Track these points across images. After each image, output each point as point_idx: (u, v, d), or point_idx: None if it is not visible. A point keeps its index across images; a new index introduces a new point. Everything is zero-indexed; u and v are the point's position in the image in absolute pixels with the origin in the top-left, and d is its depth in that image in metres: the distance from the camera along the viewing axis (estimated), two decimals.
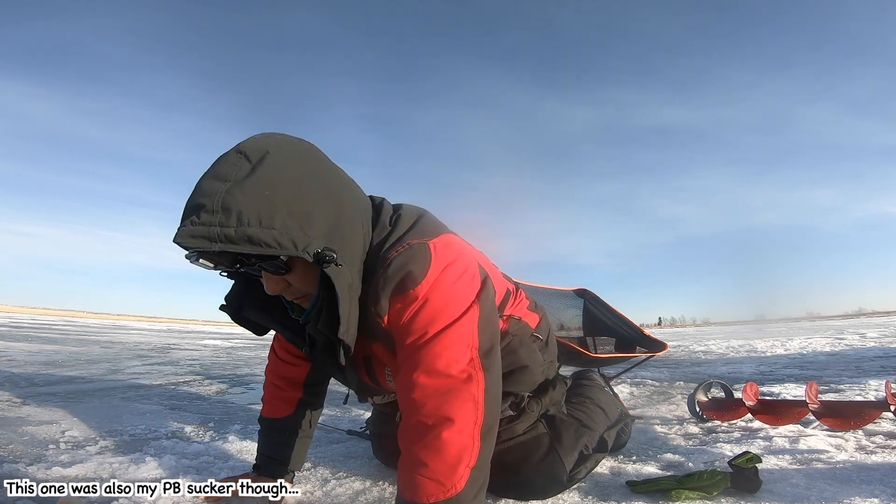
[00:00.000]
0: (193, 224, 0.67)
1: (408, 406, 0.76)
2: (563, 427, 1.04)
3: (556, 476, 0.98)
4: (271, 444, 1.06)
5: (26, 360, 3.51)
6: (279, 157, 0.72)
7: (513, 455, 0.98)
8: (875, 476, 1.03)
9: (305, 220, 0.70)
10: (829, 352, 4.64)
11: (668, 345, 2.22)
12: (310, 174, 0.74)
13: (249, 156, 0.71)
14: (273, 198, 0.68)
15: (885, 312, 52.74)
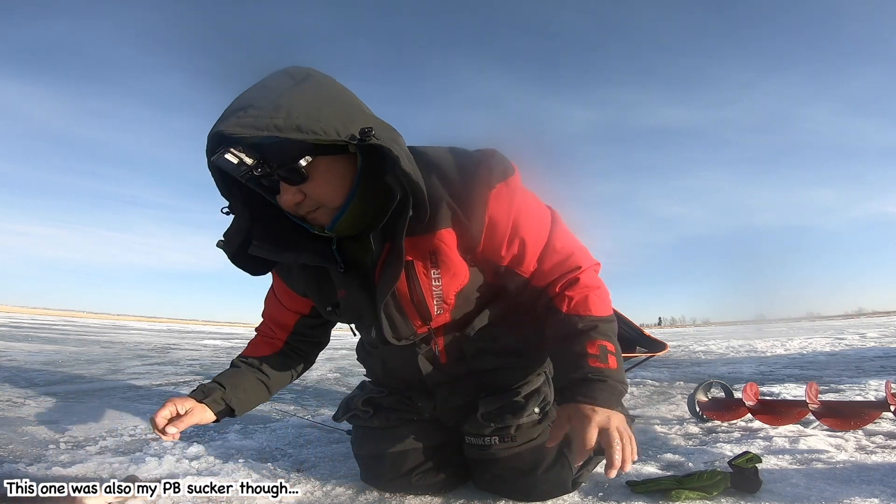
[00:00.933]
0: (240, 118, 0.72)
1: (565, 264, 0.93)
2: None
3: (564, 481, 0.97)
4: (223, 372, 1.07)
5: (26, 360, 3.51)
6: (321, 77, 0.82)
7: (524, 460, 0.96)
8: (875, 476, 1.03)
9: (349, 118, 0.77)
10: (829, 352, 4.64)
11: (668, 345, 2.22)
12: (349, 92, 0.84)
13: (293, 74, 0.79)
14: (319, 101, 0.76)
15: (885, 312, 52.72)
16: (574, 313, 0.90)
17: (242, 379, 1.06)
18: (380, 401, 1.08)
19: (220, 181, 0.84)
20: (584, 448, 0.77)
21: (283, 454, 1.36)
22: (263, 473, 1.14)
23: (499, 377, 1.01)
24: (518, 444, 0.96)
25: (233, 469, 1.16)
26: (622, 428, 0.78)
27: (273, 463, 1.24)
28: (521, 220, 0.89)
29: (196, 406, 0.96)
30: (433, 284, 0.91)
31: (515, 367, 1.02)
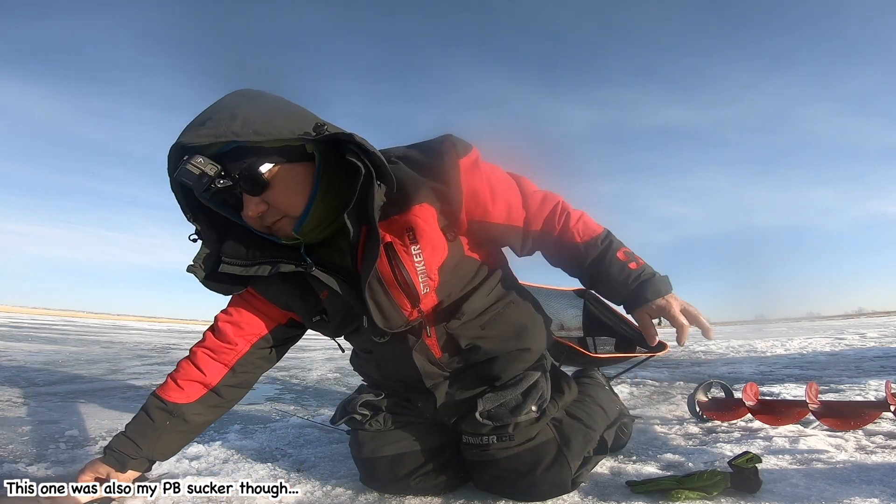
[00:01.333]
0: (198, 129, 0.77)
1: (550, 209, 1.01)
2: (572, 432, 1.01)
3: (563, 482, 0.96)
4: (138, 426, 0.99)
5: (26, 360, 3.51)
6: (273, 95, 0.88)
7: (522, 460, 0.95)
8: (875, 476, 1.03)
9: (303, 121, 0.82)
10: (829, 352, 4.64)
11: (668, 345, 2.22)
12: (298, 106, 0.88)
13: (246, 93, 0.85)
14: (274, 110, 0.82)
15: (885, 312, 52.73)
16: (588, 239, 0.99)
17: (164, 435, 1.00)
18: (377, 404, 1.07)
19: (185, 205, 0.88)
20: (686, 330, 0.92)
21: (283, 454, 1.36)
22: (263, 473, 1.14)
23: (496, 367, 1.01)
24: (516, 444, 0.95)
25: (233, 469, 1.16)
26: (687, 303, 0.93)
27: (273, 463, 1.24)
28: (494, 181, 0.97)
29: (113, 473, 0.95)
30: (415, 261, 0.91)
31: (511, 356, 1.01)
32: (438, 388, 1.03)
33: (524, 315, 1.06)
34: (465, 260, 0.99)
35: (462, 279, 0.99)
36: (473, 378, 1.02)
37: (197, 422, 1.04)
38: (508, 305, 1.04)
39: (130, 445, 0.98)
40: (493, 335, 1.01)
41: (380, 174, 0.84)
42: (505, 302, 1.04)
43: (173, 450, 1.05)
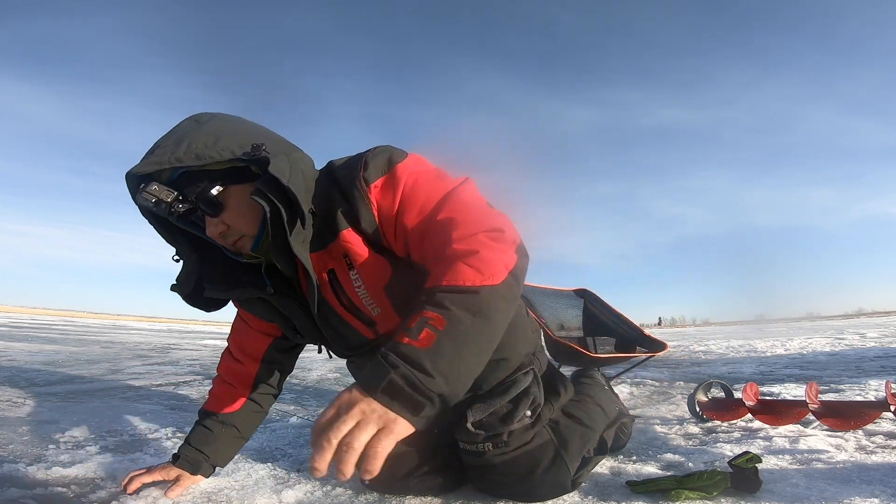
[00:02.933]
0: (148, 157, 0.80)
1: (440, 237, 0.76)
2: (569, 433, 1.00)
3: (562, 484, 0.96)
4: (199, 436, 1.07)
5: (26, 360, 3.51)
6: (227, 116, 0.88)
7: (520, 464, 0.95)
8: (875, 476, 1.03)
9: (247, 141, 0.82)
10: (829, 352, 4.63)
11: (668, 345, 2.22)
12: (253, 125, 0.89)
13: (199, 118, 0.86)
14: (219, 132, 0.82)
15: (885, 312, 52.72)
16: (428, 286, 0.69)
17: (221, 443, 1.08)
18: None
19: (161, 228, 0.91)
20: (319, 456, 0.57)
21: (283, 454, 1.36)
22: (263, 473, 1.14)
23: (480, 376, 0.95)
24: (512, 449, 0.95)
25: (233, 469, 1.16)
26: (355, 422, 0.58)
27: (273, 463, 1.24)
28: (407, 203, 0.82)
29: (185, 474, 1.03)
30: (355, 286, 0.89)
31: (488, 367, 0.91)
32: None
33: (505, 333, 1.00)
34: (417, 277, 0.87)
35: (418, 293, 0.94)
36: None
37: (245, 427, 1.12)
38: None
39: (198, 452, 1.05)
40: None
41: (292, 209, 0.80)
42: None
43: (231, 456, 1.12)
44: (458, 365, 0.63)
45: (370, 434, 0.58)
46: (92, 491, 0.98)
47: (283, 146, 0.88)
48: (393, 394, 0.60)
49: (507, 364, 0.98)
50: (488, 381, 0.97)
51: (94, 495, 0.96)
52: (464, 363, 0.64)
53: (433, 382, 0.60)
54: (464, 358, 0.63)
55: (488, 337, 0.67)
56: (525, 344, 1.03)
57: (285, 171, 0.80)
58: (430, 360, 0.61)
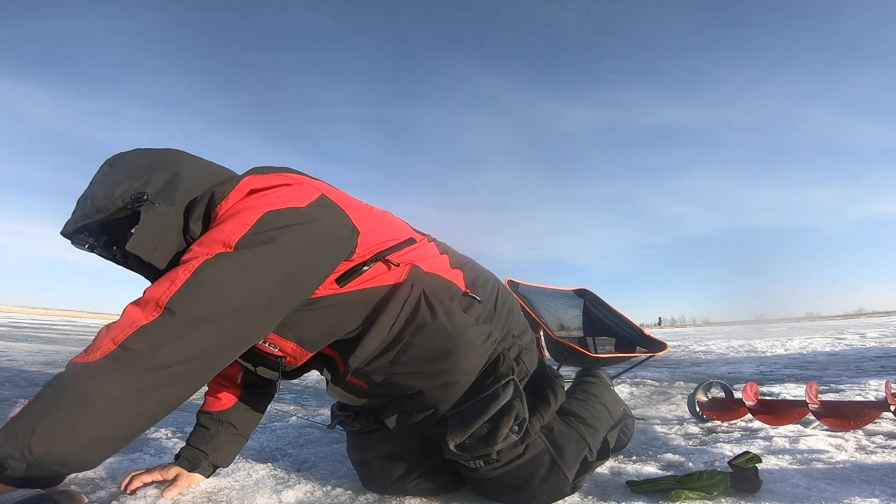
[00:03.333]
0: (71, 214, 0.86)
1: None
2: (564, 440, 0.96)
3: (561, 490, 0.93)
4: (198, 435, 1.08)
5: (26, 360, 3.51)
6: (128, 154, 0.90)
7: (515, 477, 0.92)
8: (875, 476, 1.03)
9: (144, 184, 0.84)
10: (829, 352, 4.64)
11: (668, 345, 2.22)
12: (152, 154, 0.90)
13: (110, 160, 0.89)
14: (117, 178, 0.85)
15: (885, 312, 52.72)
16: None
17: (220, 441, 1.08)
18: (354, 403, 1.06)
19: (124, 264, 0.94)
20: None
21: (283, 454, 1.36)
22: (263, 473, 1.14)
23: (427, 402, 0.91)
24: (504, 464, 0.91)
25: (233, 469, 1.16)
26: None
27: (273, 463, 1.24)
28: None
29: (184, 473, 1.02)
30: None
31: (438, 389, 0.90)
32: (385, 411, 0.97)
33: (440, 340, 0.88)
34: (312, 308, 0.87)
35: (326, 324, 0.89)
36: (417, 405, 0.93)
37: (242, 424, 1.11)
38: (418, 332, 0.88)
39: (197, 451, 1.05)
40: (406, 371, 0.90)
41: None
42: (412, 329, 0.88)
43: (231, 454, 1.11)
44: (30, 436, 0.64)
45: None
46: (92, 491, 0.98)
47: (171, 187, 0.86)
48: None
49: (454, 386, 0.90)
50: (444, 404, 0.91)
51: (94, 495, 0.96)
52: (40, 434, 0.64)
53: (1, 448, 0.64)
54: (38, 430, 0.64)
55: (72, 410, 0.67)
56: (472, 358, 0.90)
57: (149, 241, 0.81)
58: (7, 428, 0.66)
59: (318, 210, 0.84)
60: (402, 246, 0.95)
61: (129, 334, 0.67)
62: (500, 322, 1.01)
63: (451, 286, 0.98)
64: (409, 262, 0.94)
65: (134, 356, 0.67)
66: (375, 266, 0.90)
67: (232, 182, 0.85)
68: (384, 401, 0.97)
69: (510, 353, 0.98)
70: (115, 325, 0.70)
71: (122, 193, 0.83)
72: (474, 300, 0.98)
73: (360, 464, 1.05)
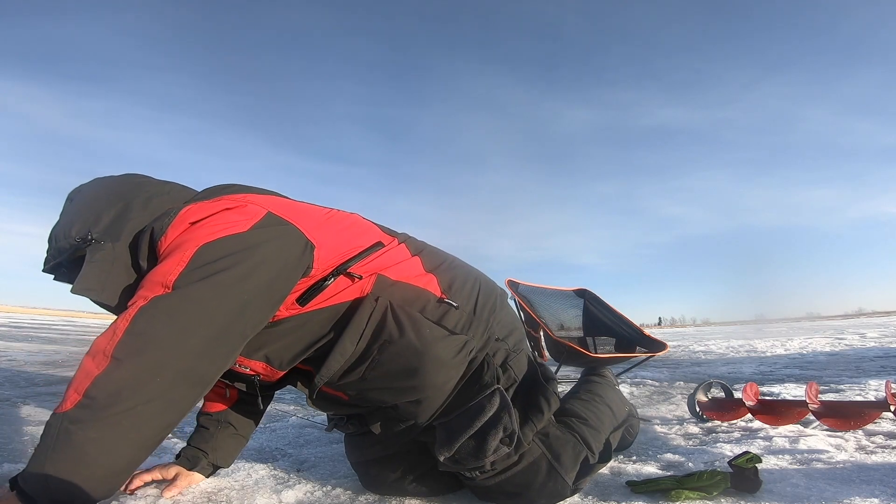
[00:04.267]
0: (45, 253, 0.91)
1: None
2: (561, 445, 0.93)
3: (560, 493, 0.92)
4: (198, 435, 1.08)
5: (26, 360, 3.51)
6: (85, 187, 0.94)
7: (512, 484, 0.90)
8: (875, 476, 1.03)
9: (94, 221, 0.86)
10: (829, 352, 4.64)
11: (668, 345, 2.22)
12: (108, 186, 0.93)
13: (70, 196, 0.95)
14: (72, 216, 0.89)
15: (885, 312, 52.74)
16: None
17: (219, 441, 1.08)
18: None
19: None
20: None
21: (283, 454, 1.36)
22: (263, 473, 1.14)
23: (406, 413, 0.90)
24: (499, 472, 0.90)
25: (233, 469, 1.16)
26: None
27: (273, 463, 1.24)
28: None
29: (184, 472, 1.02)
30: None
31: (411, 406, 0.88)
32: (371, 418, 0.96)
33: (406, 356, 0.85)
34: (276, 329, 0.87)
35: (292, 344, 0.89)
36: (398, 415, 0.92)
37: (241, 424, 1.11)
38: (385, 348, 0.85)
39: (197, 450, 1.06)
40: (377, 386, 0.88)
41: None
42: (379, 344, 0.86)
43: (231, 454, 1.11)
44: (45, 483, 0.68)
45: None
46: None
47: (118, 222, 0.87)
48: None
49: (426, 402, 0.88)
50: (421, 417, 0.89)
51: None
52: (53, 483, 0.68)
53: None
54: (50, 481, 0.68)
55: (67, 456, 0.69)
56: (442, 374, 0.87)
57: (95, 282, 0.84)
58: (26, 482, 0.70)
59: (263, 232, 0.82)
60: (368, 253, 0.91)
61: (87, 385, 0.70)
62: (479, 327, 0.95)
63: (423, 294, 0.93)
64: (373, 272, 0.90)
65: (96, 404, 0.69)
66: (338, 280, 0.87)
67: (170, 215, 0.84)
68: (368, 409, 0.97)
69: (495, 358, 0.94)
70: (76, 376, 0.72)
71: (77, 233, 0.86)
72: (450, 307, 0.93)
73: (357, 465, 1.05)
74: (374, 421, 0.96)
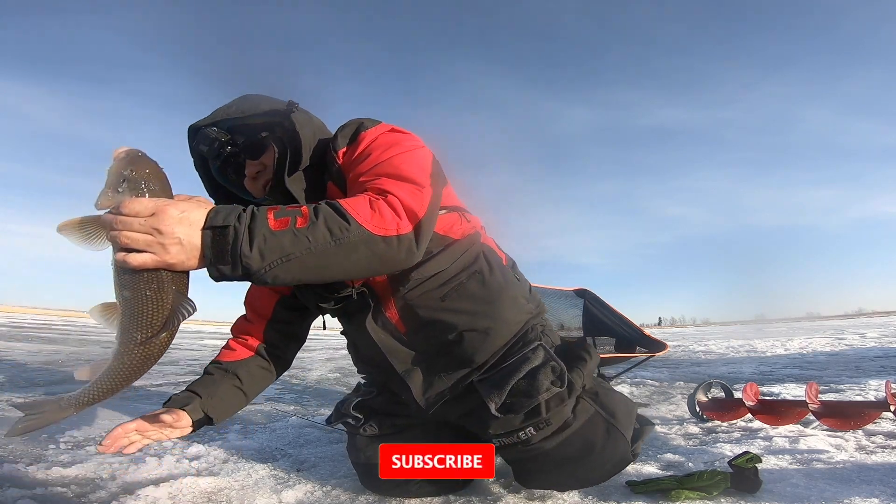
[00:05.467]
0: (205, 119, 0.99)
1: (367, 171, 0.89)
2: (613, 401, 0.93)
3: (624, 456, 0.89)
4: (198, 381, 1.03)
5: (26, 360, 3.51)
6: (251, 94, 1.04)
7: (574, 446, 0.88)
8: (875, 476, 1.03)
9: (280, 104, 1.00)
10: (829, 352, 4.64)
11: (668, 345, 2.22)
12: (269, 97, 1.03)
13: (246, 95, 1.03)
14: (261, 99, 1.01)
15: (885, 312, 52.73)
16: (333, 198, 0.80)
17: (218, 387, 1.02)
18: (371, 403, 1.07)
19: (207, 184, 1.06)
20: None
21: (283, 454, 1.36)
22: (263, 473, 1.14)
23: (466, 347, 0.93)
24: (558, 430, 0.88)
25: (233, 469, 1.16)
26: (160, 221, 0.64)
27: (273, 463, 1.24)
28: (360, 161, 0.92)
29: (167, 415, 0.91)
30: None
31: (479, 335, 0.93)
32: (412, 375, 0.97)
33: (492, 288, 0.96)
34: None
35: None
36: (448, 361, 0.95)
37: (247, 379, 1.07)
38: (473, 277, 0.95)
39: (192, 394, 0.99)
40: (454, 308, 0.94)
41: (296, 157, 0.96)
42: (469, 272, 0.96)
43: (227, 408, 1.03)
44: (283, 262, 0.70)
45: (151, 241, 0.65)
46: (92, 491, 0.98)
47: (311, 115, 1.04)
48: (215, 238, 0.68)
49: (494, 333, 0.94)
50: (480, 353, 0.93)
51: (94, 495, 0.96)
52: (289, 264, 0.70)
53: (250, 257, 0.68)
54: (292, 260, 0.70)
55: (329, 264, 0.74)
56: (514, 312, 0.97)
57: (305, 125, 0.97)
58: (264, 239, 0.69)
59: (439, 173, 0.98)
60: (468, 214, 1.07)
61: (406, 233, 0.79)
62: (533, 301, 1.07)
63: (495, 254, 1.07)
64: (474, 226, 1.06)
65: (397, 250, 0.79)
66: (451, 214, 1.00)
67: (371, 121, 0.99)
68: (413, 359, 0.97)
69: (537, 327, 1.02)
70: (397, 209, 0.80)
71: (270, 105, 0.99)
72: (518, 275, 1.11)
73: (366, 466, 1.03)
74: (413, 378, 0.96)
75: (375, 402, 1.07)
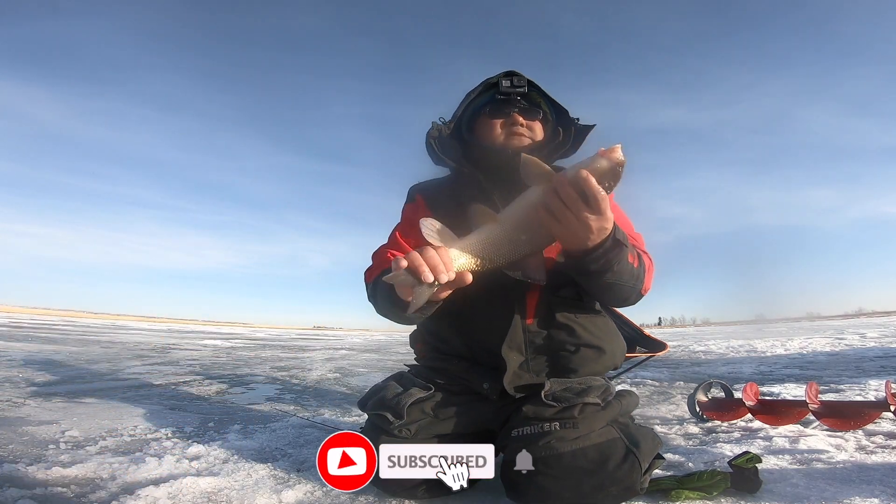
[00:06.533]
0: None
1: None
2: (639, 434, 0.94)
3: (634, 482, 0.88)
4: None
5: (26, 360, 3.51)
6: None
7: (588, 457, 0.88)
8: (875, 476, 1.03)
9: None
10: (829, 352, 4.64)
11: (668, 345, 2.22)
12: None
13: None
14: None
15: (885, 312, 52.76)
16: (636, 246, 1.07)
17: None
18: (424, 407, 1.03)
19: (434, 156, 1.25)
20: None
21: (283, 454, 1.35)
22: (263, 473, 1.14)
23: (574, 360, 1.07)
24: (579, 436, 0.90)
25: (233, 469, 1.16)
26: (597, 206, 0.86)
27: (273, 463, 1.24)
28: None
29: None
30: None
31: (591, 356, 1.08)
32: (511, 358, 1.05)
33: (611, 329, 1.18)
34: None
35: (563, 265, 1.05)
36: (551, 365, 1.07)
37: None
38: (601, 314, 1.16)
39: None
40: (584, 325, 1.10)
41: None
42: (599, 309, 1.16)
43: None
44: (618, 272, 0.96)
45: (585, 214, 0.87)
46: (92, 491, 0.98)
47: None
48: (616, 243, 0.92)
49: (603, 355, 1.11)
50: (582, 370, 1.07)
51: (94, 495, 0.96)
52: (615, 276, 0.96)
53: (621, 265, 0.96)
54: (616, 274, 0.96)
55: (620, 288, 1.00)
56: (620, 346, 1.18)
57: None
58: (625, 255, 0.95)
59: None
60: None
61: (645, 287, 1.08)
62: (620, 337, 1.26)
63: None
64: None
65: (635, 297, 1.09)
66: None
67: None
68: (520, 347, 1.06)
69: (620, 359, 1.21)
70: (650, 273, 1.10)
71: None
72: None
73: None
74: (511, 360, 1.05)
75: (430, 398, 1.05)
